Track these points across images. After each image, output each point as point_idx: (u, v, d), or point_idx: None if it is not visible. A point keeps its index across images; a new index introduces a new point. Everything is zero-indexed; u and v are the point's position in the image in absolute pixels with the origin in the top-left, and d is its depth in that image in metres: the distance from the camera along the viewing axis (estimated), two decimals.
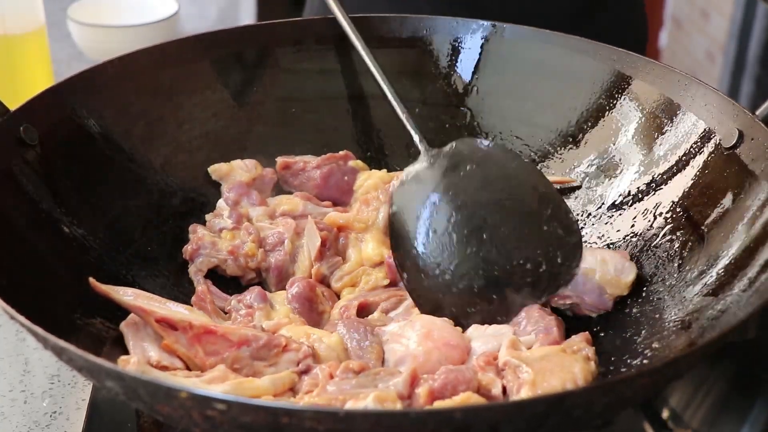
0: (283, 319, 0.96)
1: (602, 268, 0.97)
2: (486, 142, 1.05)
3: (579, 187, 1.12)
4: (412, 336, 0.91)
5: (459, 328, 0.96)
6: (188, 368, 0.89)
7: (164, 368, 0.87)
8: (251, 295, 0.99)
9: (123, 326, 0.91)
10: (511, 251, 0.97)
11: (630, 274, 0.98)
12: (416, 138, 1.07)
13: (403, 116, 1.09)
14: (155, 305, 0.91)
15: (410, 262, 0.99)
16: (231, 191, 1.11)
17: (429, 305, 0.97)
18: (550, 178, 1.13)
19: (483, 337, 0.92)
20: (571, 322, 0.97)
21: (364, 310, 0.99)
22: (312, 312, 0.99)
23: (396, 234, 1.01)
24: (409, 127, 1.08)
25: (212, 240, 1.06)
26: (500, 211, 0.99)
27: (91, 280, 0.90)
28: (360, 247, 1.06)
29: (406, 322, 0.94)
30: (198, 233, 1.06)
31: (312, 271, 1.04)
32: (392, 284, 1.03)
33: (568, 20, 1.55)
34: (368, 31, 1.20)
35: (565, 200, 1.12)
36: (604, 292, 0.97)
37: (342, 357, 0.90)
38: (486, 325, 0.94)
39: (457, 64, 1.22)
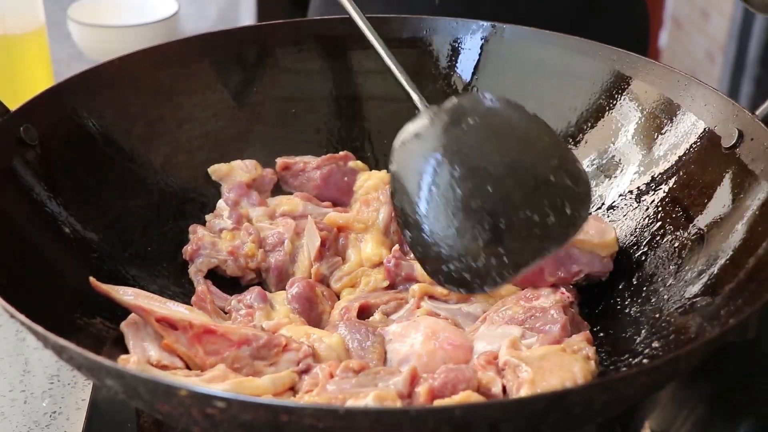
0: (283, 319, 0.96)
1: (587, 237, 0.99)
2: (489, 96, 1.02)
3: None
4: (416, 336, 0.91)
5: (462, 329, 0.96)
6: (188, 368, 0.89)
7: (164, 367, 0.87)
8: (251, 295, 0.99)
9: (123, 326, 0.91)
10: (518, 203, 0.94)
11: (610, 232, 1.00)
12: (414, 96, 1.05)
13: (399, 75, 1.07)
14: (155, 305, 0.91)
15: (413, 219, 0.96)
16: (231, 191, 1.11)
17: (433, 262, 0.95)
18: None
19: (489, 337, 0.92)
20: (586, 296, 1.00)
21: (364, 312, 0.99)
22: (312, 312, 0.99)
23: (398, 192, 0.98)
24: (406, 85, 1.06)
25: (212, 240, 1.06)
26: (505, 162, 0.96)
27: (92, 279, 0.90)
28: (360, 247, 1.06)
29: (409, 323, 0.94)
30: (198, 233, 1.06)
31: (312, 271, 1.04)
32: (392, 286, 1.03)
33: (568, 22, 1.55)
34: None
35: None
36: (600, 256, 0.99)
37: (342, 357, 0.90)
38: (495, 325, 0.94)
39: (457, 65, 1.22)
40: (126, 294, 0.91)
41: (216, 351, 0.88)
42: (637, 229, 1.04)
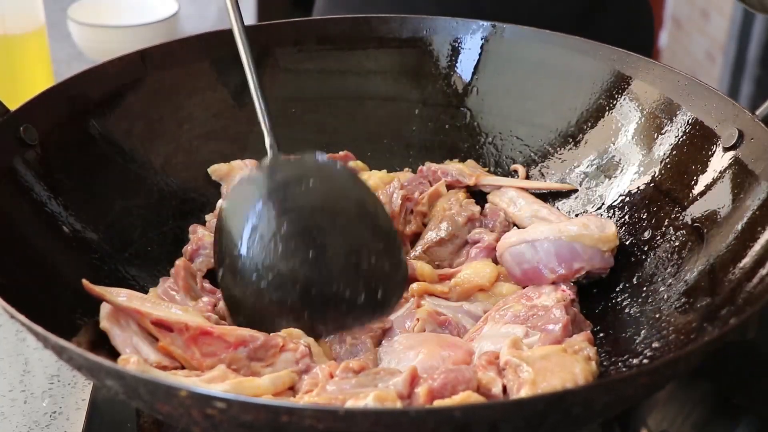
0: None
1: (588, 231, 0.98)
2: (339, 164, 1.02)
3: (578, 189, 1.13)
4: (415, 339, 0.92)
5: (464, 327, 0.96)
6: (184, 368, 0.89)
7: (164, 368, 0.87)
8: None
9: (105, 323, 0.90)
10: (335, 276, 0.94)
11: (611, 226, 1.00)
12: (268, 141, 1.02)
13: (261, 116, 1.03)
14: (149, 306, 0.90)
15: (229, 260, 0.96)
16: None
17: (239, 309, 0.95)
18: (548, 185, 1.14)
19: (493, 337, 0.92)
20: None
21: None
22: None
23: (221, 229, 0.97)
24: (264, 128, 1.03)
25: (212, 240, 1.05)
26: (333, 233, 0.96)
27: (85, 282, 0.89)
28: None
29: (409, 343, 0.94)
30: (198, 233, 1.06)
31: None
32: None
33: (570, 23, 1.55)
34: (368, 32, 1.21)
35: (565, 200, 1.13)
36: (601, 250, 0.99)
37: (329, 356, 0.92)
38: (498, 324, 0.94)
39: (457, 65, 1.22)
40: (119, 296, 0.91)
41: (213, 353, 0.88)
42: (637, 229, 1.04)
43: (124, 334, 0.89)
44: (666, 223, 1.01)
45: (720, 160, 0.99)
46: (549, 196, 1.14)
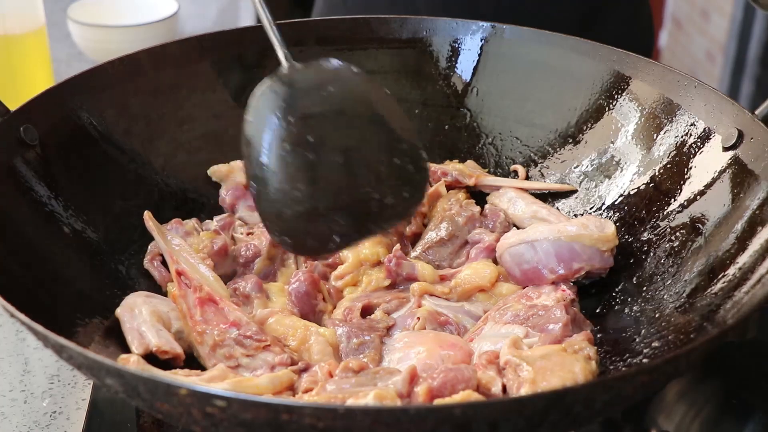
0: (276, 308, 0.98)
1: (587, 231, 0.99)
2: (354, 68, 1.00)
3: (577, 189, 1.13)
4: (415, 338, 0.92)
5: (464, 327, 0.96)
6: (187, 355, 0.91)
7: (164, 353, 0.89)
8: (248, 284, 1.00)
9: (118, 312, 0.92)
10: (362, 179, 0.94)
11: (610, 226, 1.00)
12: (281, 53, 1.01)
13: (270, 30, 1.02)
14: (183, 257, 1.00)
15: (261, 173, 0.95)
16: (228, 194, 1.11)
17: (274, 220, 0.94)
18: (547, 185, 1.14)
19: (493, 337, 0.92)
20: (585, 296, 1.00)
21: (366, 311, 0.99)
22: (308, 306, 0.99)
23: (250, 145, 0.96)
24: (275, 40, 1.02)
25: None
26: (357, 138, 0.96)
27: (146, 213, 1.00)
28: (358, 246, 1.06)
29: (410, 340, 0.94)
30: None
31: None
32: (393, 285, 1.03)
33: (569, 24, 1.55)
34: (368, 32, 1.21)
35: (565, 200, 1.13)
36: (601, 250, 0.99)
37: (335, 352, 0.93)
38: (498, 324, 0.94)
39: (457, 65, 1.22)
40: (172, 240, 1.02)
41: (209, 320, 0.92)
42: (637, 229, 1.04)
43: (133, 322, 0.92)
44: (665, 223, 1.01)
45: (720, 160, 0.99)
46: (549, 197, 1.14)
